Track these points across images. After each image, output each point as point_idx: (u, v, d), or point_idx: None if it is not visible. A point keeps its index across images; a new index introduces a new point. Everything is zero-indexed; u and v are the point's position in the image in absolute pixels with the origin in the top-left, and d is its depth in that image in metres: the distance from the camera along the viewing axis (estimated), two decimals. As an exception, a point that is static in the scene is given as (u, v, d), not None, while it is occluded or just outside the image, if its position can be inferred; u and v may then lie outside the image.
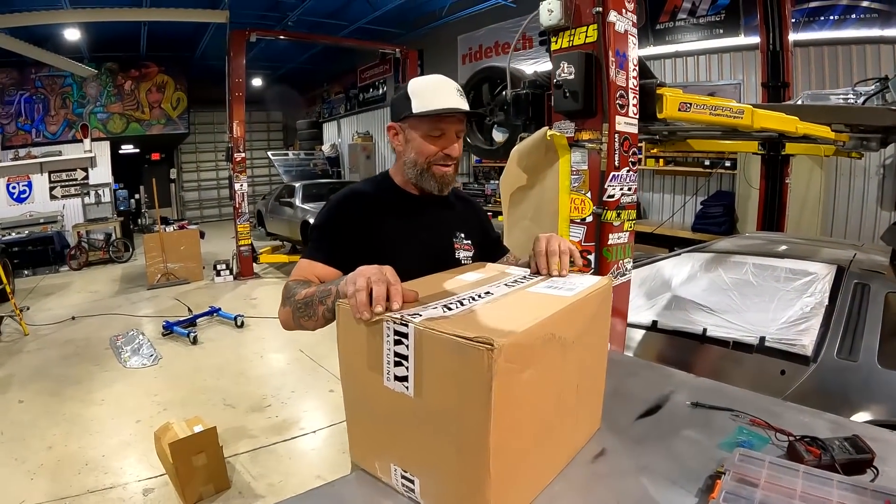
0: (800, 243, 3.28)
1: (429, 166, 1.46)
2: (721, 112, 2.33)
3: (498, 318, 0.95)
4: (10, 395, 4.59)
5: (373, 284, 0.99)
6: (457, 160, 1.49)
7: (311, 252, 1.46)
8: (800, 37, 5.74)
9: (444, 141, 1.44)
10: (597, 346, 1.20)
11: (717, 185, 7.00)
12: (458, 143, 1.47)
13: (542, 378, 0.95)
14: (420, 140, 1.45)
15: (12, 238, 10.05)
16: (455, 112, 1.41)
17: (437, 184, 1.48)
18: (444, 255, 1.52)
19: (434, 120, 1.42)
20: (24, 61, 9.08)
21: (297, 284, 1.35)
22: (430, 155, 1.45)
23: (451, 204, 1.63)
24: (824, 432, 1.29)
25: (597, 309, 1.15)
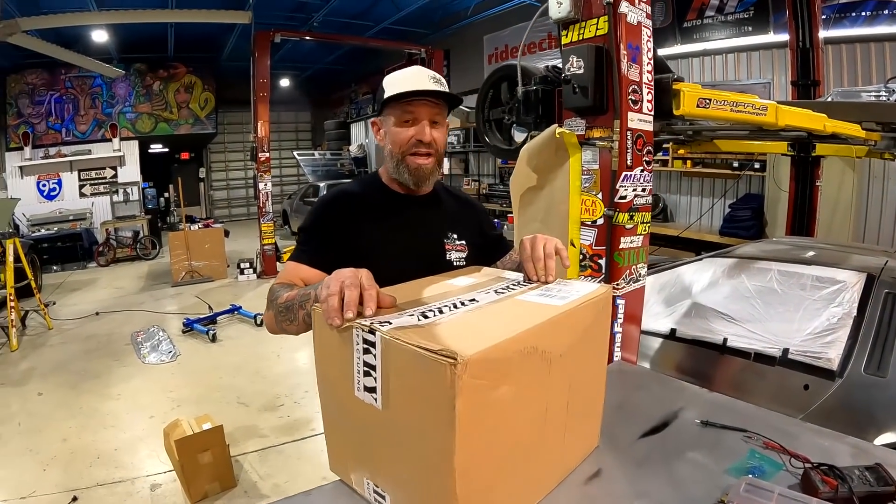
0: (828, 249, 3.11)
1: (403, 157, 1.40)
2: (743, 109, 2.21)
3: (475, 328, 0.87)
4: (30, 387, 4.69)
5: (345, 289, 0.92)
6: (436, 149, 1.41)
7: (296, 254, 1.42)
8: (830, 34, 5.52)
9: (416, 127, 1.38)
10: (592, 361, 1.11)
11: (745, 187, 6.80)
12: (430, 128, 1.38)
13: (522, 395, 0.86)
14: (393, 128, 1.40)
15: (42, 234, 10.32)
16: (421, 93, 1.34)
17: (411, 177, 1.41)
18: (432, 256, 1.44)
19: (403, 105, 1.36)
20: (54, 62, 9.24)
21: (280, 287, 1.30)
22: (403, 143, 1.39)
23: (442, 202, 1.55)
24: (845, 458, 1.18)
25: (592, 320, 1.06)
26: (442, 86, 1.37)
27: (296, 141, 17.61)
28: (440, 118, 1.41)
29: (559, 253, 1.23)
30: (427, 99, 1.37)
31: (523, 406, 0.88)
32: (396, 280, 1.16)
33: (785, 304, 2.55)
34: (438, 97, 1.38)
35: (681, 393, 1.57)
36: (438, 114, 1.40)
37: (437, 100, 1.38)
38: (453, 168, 11.52)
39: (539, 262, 1.19)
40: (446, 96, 1.39)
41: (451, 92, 1.41)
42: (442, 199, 1.55)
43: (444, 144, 1.45)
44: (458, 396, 0.71)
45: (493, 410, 0.80)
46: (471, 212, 1.62)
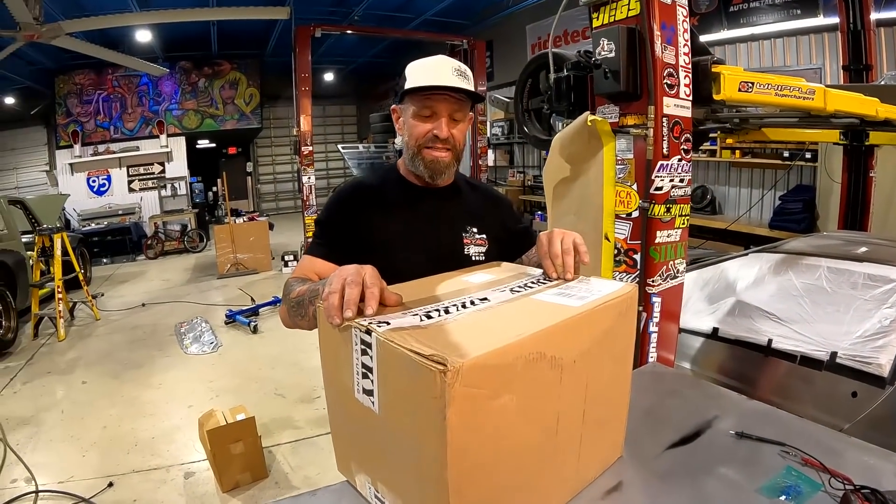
0: (882, 245, 2.90)
1: (419, 149, 1.35)
2: (789, 93, 2.06)
3: (478, 330, 0.81)
4: (75, 376, 4.84)
5: (346, 287, 0.87)
6: (453, 145, 1.36)
7: (311, 248, 1.39)
8: (881, 15, 5.17)
9: (434, 122, 1.32)
10: (614, 366, 1.02)
11: (797, 178, 6.47)
12: (449, 124, 1.33)
13: (527, 405, 0.79)
14: (411, 120, 1.34)
15: (92, 228, 10.67)
16: (441, 89, 1.28)
17: (427, 170, 1.36)
18: (450, 251, 1.38)
19: (422, 98, 1.31)
20: (101, 63, 9.53)
21: (295, 282, 1.27)
22: (419, 136, 1.33)
23: (462, 194, 1.49)
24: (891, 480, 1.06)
25: (613, 322, 0.97)
26: (466, 80, 1.31)
27: (341, 134, 17.73)
28: (460, 114, 1.35)
29: (578, 249, 1.14)
30: (448, 94, 1.30)
31: (529, 416, 0.81)
32: (411, 275, 1.11)
33: (834, 303, 2.37)
34: (459, 93, 1.31)
35: (717, 400, 1.46)
36: (459, 110, 1.34)
37: (459, 95, 1.32)
38: (498, 160, 11.39)
39: (557, 258, 1.12)
40: (467, 93, 1.33)
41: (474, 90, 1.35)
42: (462, 192, 1.49)
43: (463, 140, 1.39)
44: (448, 406, 0.65)
45: (491, 421, 0.73)
46: (493, 204, 1.55)
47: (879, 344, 2.10)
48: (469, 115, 1.41)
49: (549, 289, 1.03)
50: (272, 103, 14.96)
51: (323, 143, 16.28)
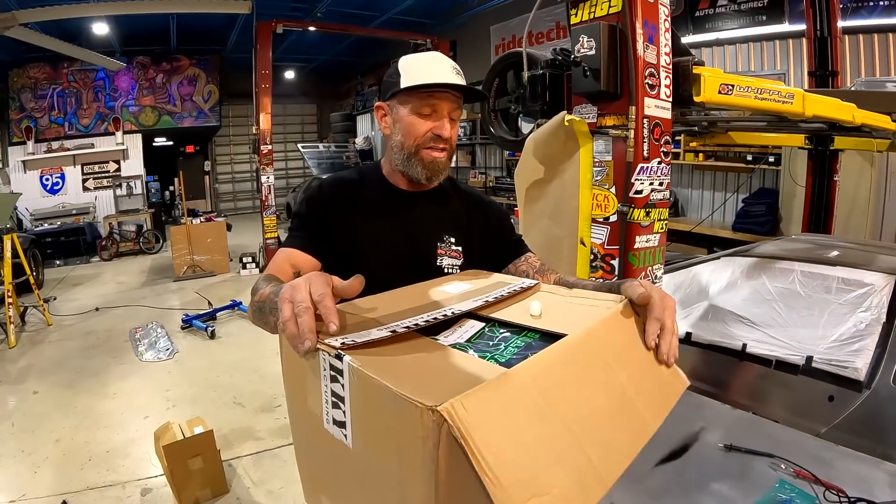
0: (853, 248, 2.93)
1: (417, 150, 1.26)
2: (768, 96, 2.04)
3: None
4: (26, 386, 4.61)
5: (298, 316, 0.77)
6: (450, 145, 1.29)
7: (288, 240, 1.29)
8: (848, 23, 5.32)
9: (434, 120, 1.25)
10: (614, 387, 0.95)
11: (759, 181, 6.60)
12: (449, 124, 1.26)
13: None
14: (408, 118, 1.25)
15: (45, 229, 10.24)
16: (449, 87, 1.21)
17: (425, 171, 1.27)
18: (422, 261, 1.30)
19: (424, 96, 1.22)
20: (57, 56, 9.17)
21: (264, 281, 1.15)
22: (419, 136, 1.25)
23: (446, 200, 1.40)
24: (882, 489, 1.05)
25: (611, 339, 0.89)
26: (463, 79, 1.25)
27: (301, 133, 17.47)
28: (457, 114, 1.29)
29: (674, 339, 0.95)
30: (451, 92, 1.24)
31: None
32: (380, 282, 1.02)
33: (809, 307, 2.38)
34: (461, 91, 1.25)
35: (701, 410, 1.43)
36: (457, 108, 1.28)
37: (460, 94, 1.26)
38: (460, 161, 11.36)
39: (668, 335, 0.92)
40: (468, 91, 1.27)
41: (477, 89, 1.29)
42: (447, 197, 1.41)
43: (456, 138, 1.32)
44: (438, 448, 0.56)
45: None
46: (478, 213, 1.44)
47: (855, 348, 2.10)
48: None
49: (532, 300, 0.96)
50: (231, 101, 14.61)
51: (283, 142, 16.02)
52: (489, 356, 0.76)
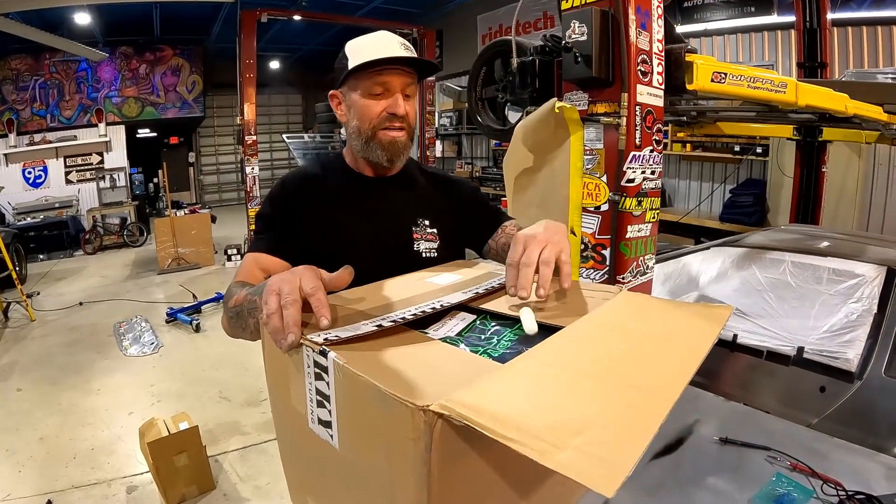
0: (844, 239, 2.93)
1: (374, 132, 1.21)
2: (761, 85, 2.02)
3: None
4: (10, 383, 4.53)
5: (284, 308, 0.74)
6: (407, 123, 1.23)
7: (254, 244, 1.25)
8: (837, 15, 5.35)
9: (388, 99, 1.20)
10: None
11: (747, 172, 6.64)
12: (403, 101, 1.21)
13: None
14: (361, 101, 1.21)
15: (27, 223, 10.09)
16: (395, 61, 1.16)
17: (384, 153, 1.22)
18: (399, 247, 1.25)
19: (373, 75, 1.18)
20: (39, 47, 9.03)
21: (235, 287, 1.11)
22: (374, 117, 1.20)
23: (414, 183, 1.35)
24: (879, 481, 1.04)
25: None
26: (413, 53, 1.20)
27: (287, 124, 17.31)
28: (411, 90, 1.23)
29: (560, 266, 0.92)
30: (400, 68, 1.18)
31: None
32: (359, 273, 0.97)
33: (800, 298, 2.37)
34: (413, 65, 1.20)
35: (695, 402, 1.41)
36: (410, 84, 1.22)
37: (411, 69, 1.21)
38: (446, 151, 11.33)
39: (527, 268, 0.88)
40: (420, 64, 1.22)
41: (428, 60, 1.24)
42: (414, 181, 1.36)
43: (415, 117, 1.26)
44: (431, 450, 0.53)
45: (478, 461, 0.61)
46: (448, 192, 1.39)
47: (847, 339, 2.10)
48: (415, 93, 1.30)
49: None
50: (216, 91, 14.39)
51: (267, 132, 15.85)
52: (481, 350, 0.72)
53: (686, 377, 0.65)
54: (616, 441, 0.48)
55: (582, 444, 0.47)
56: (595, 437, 0.48)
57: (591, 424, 0.50)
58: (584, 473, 0.43)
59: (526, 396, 0.56)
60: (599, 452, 0.46)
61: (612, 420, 0.52)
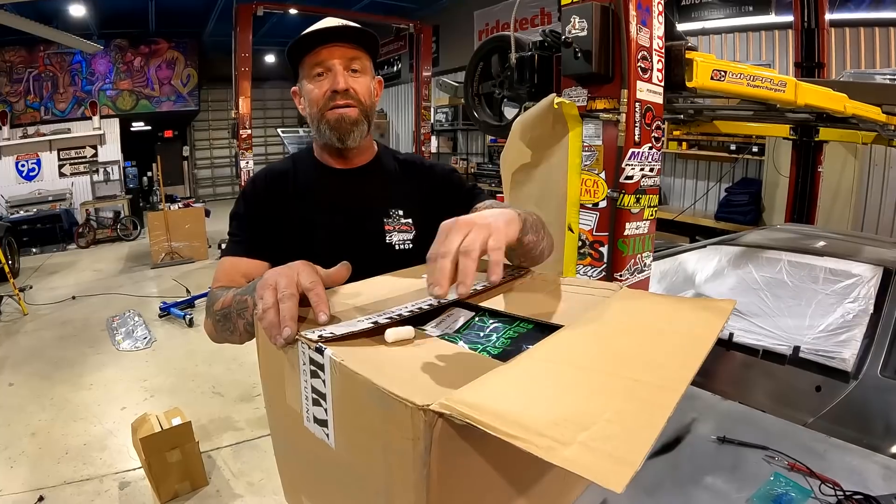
0: (839, 239, 2.94)
1: (321, 114, 1.18)
2: (760, 84, 2.01)
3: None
4: (1, 378, 4.51)
5: (280, 302, 0.72)
6: (357, 100, 1.18)
7: (230, 247, 1.21)
8: (835, 16, 5.37)
9: (331, 78, 1.16)
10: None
11: (742, 171, 6.66)
12: (346, 76, 1.16)
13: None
14: (307, 87, 1.18)
15: (20, 216, 10.01)
16: (324, 33, 1.14)
17: (333, 132, 1.18)
18: (371, 240, 1.21)
19: (312, 56, 1.15)
20: (33, 39, 8.97)
21: (219, 291, 1.08)
22: (319, 98, 1.17)
23: (385, 172, 1.31)
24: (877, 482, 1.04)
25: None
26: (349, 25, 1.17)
27: (281, 118, 17.23)
28: (359, 65, 1.18)
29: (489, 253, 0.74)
30: (337, 43, 1.15)
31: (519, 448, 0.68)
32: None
33: (796, 297, 2.37)
34: (345, 38, 1.15)
35: (692, 401, 1.40)
36: (356, 58, 1.18)
37: (350, 43, 1.16)
38: (441, 147, 11.31)
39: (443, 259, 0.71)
40: (353, 34, 1.16)
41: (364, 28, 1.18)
42: (385, 170, 1.31)
43: (368, 93, 1.21)
44: (430, 451, 0.51)
45: (478, 460, 0.60)
46: (421, 178, 1.32)
47: (843, 338, 2.10)
48: (377, 77, 1.26)
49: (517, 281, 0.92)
50: (210, 85, 14.36)
51: (262, 126, 15.79)
52: (480, 348, 0.71)
53: (692, 369, 0.63)
54: (623, 435, 0.47)
55: (588, 440, 0.45)
56: (601, 432, 0.47)
57: (596, 419, 0.49)
58: (591, 470, 0.42)
59: (528, 393, 0.55)
60: (606, 447, 0.45)
61: (618, 414, 0.51)
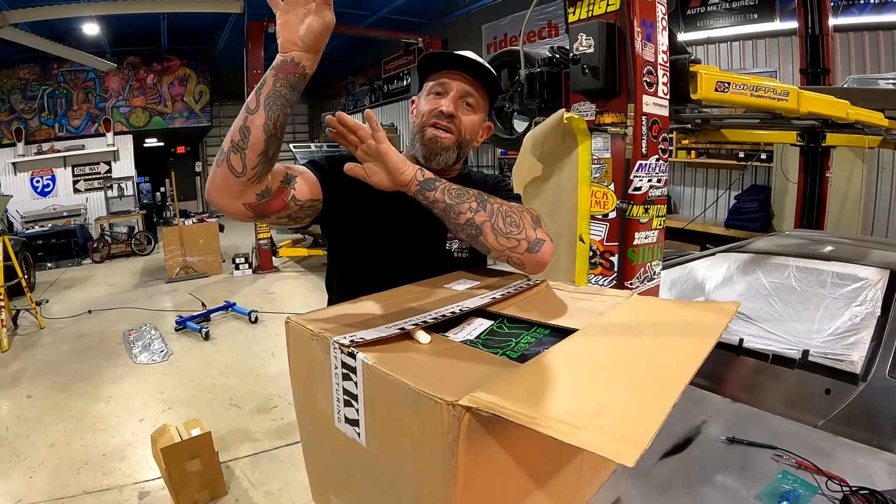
0: (846, 243, 2.96)
1: (422, 128, 1.25)
2: (764, 94, 2.06)
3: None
4: (19, 390, 4.55)
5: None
6: (458, 129, 1.24)
7: (311, 163, 1.23)
8: (839, 21, 5.39)
9: (444, 99, 1.23)
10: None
11: (751, 178, 6.65)
12: (457, 103, 1.23)
13: (534, 432, 0.71)
14: (422, 100, 1.27)
15: (36, 231, 10.17)
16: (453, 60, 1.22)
17: (423, 147, 1.25)
18: (431, 244, 1.26)
19: (436, 76, 1.24)
20: (47, 56, 9.15)
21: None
22: (426, 113, 1.24)
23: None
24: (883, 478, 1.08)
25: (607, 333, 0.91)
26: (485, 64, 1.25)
27: (293, 133, 17.43)
28: (474, 101, 1.26)
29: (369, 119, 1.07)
30: (462, 74, 1.23)
31: (538, 443, 0.73)
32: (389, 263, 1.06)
33: (804, 302, 2.40)
34: (473, 72, 1.23)
35: (702, 404, 1.44)
36: (472, 94, 1.25)
37: (473, 78, 1.24)
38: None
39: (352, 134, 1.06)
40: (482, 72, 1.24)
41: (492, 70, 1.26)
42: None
43: (471, 129, 1.27)
44: (458, 444, 0.57)
45: (501, 455, 0.65)
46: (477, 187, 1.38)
47: (851, 341, 2.12)
48: (487, 122, 1.33)
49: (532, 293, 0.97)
50: (222, 101, 14.56)
51: (272, 140, 16.00)
52: (501, 352, 0.76)
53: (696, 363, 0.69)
54: (632, 420, 0.53)
55: (602, 424, 0.51)
56: (613, 418, 0.53)
57: (608, 407, 0.55)
58: (606, 448, 0.47)
59: (547, 388, 0.60)
60: (618, 430, 0.50)
61: (628, 402, 0.57)
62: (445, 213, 1.09)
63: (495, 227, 1.09)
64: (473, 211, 1.09)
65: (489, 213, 1.10)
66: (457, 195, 1.10)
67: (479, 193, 1.13)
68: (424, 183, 1.08)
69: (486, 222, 1.09)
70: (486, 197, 1.13)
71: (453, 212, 1.09)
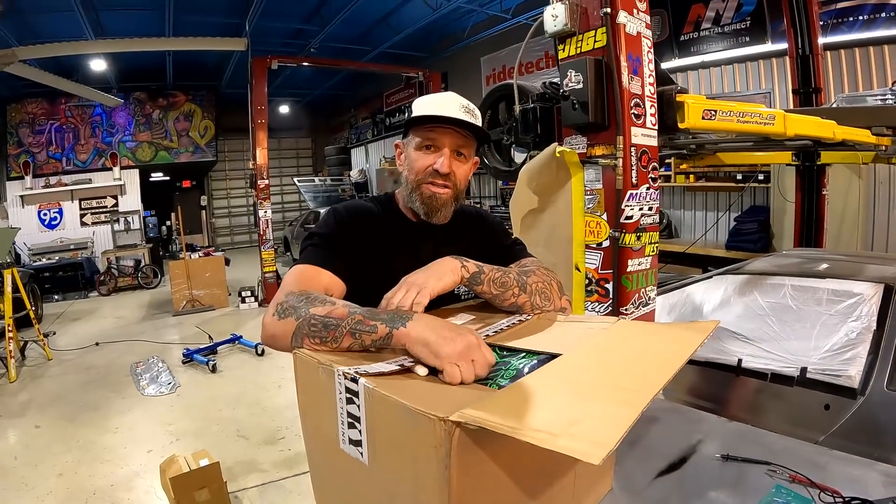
0: (841, 260, 3.00)
1: (418, 185, 1.29)
2: (750, 119, 2.13)
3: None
4: (27, 420, 4.60)
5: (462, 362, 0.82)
6: (454, 183, 1.29)
7: (314, 257, 1.22)
8: (828, 40, 5.48)
9: (436, 156, 1.27)
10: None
11: (750, 199, 6.70)
12: (452, 160, 1.27)
13: (528, 449, 0.77)
14: (412, 154, 1.30)
15: (43, 264, 10.30)
16: (445, 121, 1.24)
17: (423, 206, 1.29)
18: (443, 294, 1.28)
19: (426, 130, 1.27)
20: (55, 91, 9.34)
21: (305, 296, 1.06)
22: (420, 171, 1.28)
23: (462, 230, 1.41)
24: (877, 488, 1.09)
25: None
26: (474, 118, 1.28)
27: (296, 167, 17.63)
28: (466, 150, 1.30)
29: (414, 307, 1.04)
30: (452, 128, 1.26)
31: (531, 459, 0.79)
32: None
33: (801, 320, 2.43)
34: (465, 128, 1.27)
35: (698, 424, 1.46)
36: (464, 146, 1.29)
37: (465, 131, 1.27)
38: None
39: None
40: (473, 129, 1.28)
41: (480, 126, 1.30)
42: (459, 229, 1.41)
43: (465, 179, 1.33)
44: (451, 456, 0.62)
45: (493, 470, 0.71)
46: (482, 231, 1.46)
47: (848, 356, 2.15)
48: (475, 158, 1.36)
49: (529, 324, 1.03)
50: (227, 136, 14.83)
51: (278, 175, 16.24)
52: (490, 383, 0.82)
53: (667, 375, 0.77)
54: (604, 426, 0.60)
55: (576, 432, 0.58)
56: (587, 426, 0.59)
57: (584, 417, 0.62)
58: (576, 450, 0.54)
59: (528, 404, 0.67)
60: (589, 436, 0.57)
61: (601, 412, 0.64)
62: (492, 300, 1.21)
63: (533, 304, 1.21)
64: (516, 296, 1.20)
65: (529, 294, 1.21)
66: (500, 285, 1.19)
67: (518, 276, 1.22)
68: (471, 279, 1.17)
69: (527, 303, 1.21)
70: (524, 279, 1.23)
71: (498, 300, 1.20)
